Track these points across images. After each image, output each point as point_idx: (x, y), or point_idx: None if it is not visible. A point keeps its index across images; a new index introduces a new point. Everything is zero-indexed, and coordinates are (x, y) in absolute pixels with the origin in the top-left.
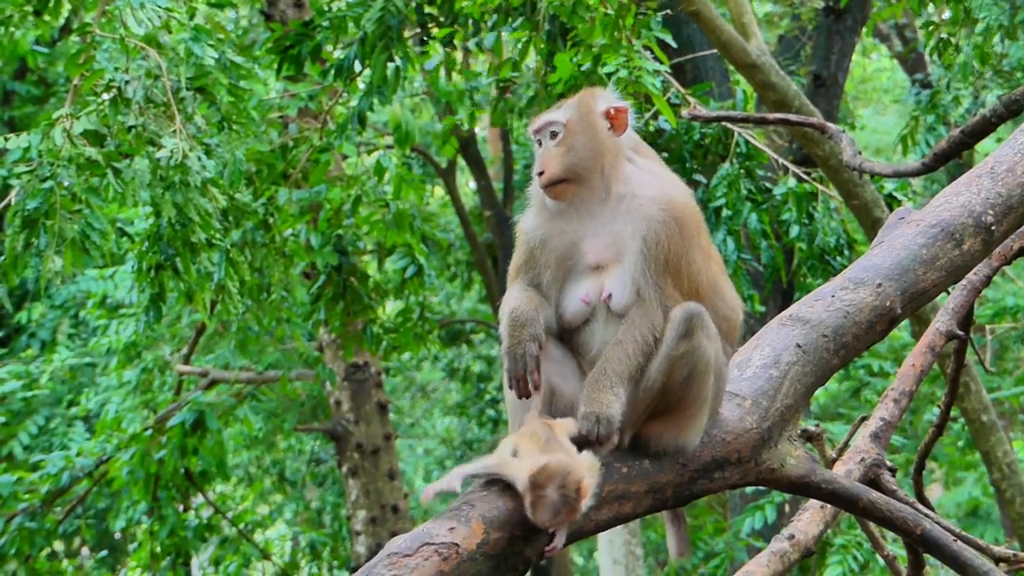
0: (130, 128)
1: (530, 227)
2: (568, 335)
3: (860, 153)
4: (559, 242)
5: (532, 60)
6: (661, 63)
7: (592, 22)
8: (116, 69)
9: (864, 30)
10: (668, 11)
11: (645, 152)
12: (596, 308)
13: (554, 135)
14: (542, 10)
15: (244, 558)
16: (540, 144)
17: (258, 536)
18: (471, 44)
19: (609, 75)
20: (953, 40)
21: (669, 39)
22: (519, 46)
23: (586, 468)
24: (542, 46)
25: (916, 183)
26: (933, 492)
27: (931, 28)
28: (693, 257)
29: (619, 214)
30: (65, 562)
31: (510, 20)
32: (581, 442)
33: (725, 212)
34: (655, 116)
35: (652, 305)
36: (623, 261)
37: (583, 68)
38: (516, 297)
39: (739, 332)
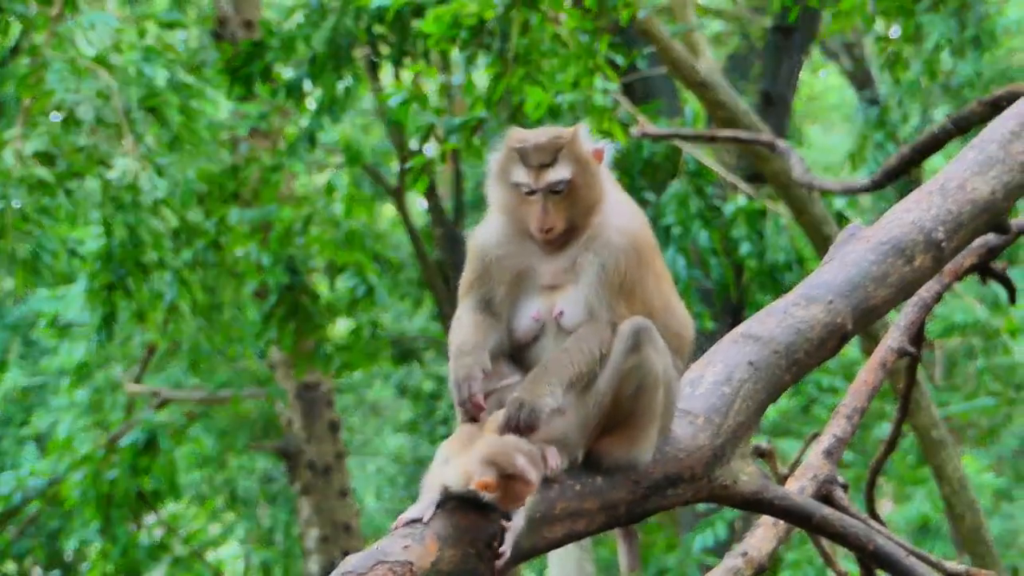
0: (81, 148)
1: (488, 244)
2: (519, 352)
3: (809, 170)
4: (516, 262)
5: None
6: (612, 82)
7: (561, 53)
8: (67, 90)
9: (813, 46)
10: (620, 30)
11: (606, 176)
12: (546, 325)
13: (557, 192)
14: (511, 47)
15: None
16: (541, 198)
17: (210, 555)
18: (440, 80)
19: (559, 93)
20: (903, 56)
21: (620, 59)
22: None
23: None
24: (515, 82)
25: (865, 200)
26: (883, 508)
27: (882, 43)
28: (647, 281)
29: (582, 240)
30: None
31: (475, 56)
32: (505, 431)
33: (675, 230)
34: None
35: (602, 322)
36: (578, 283)
37: (557, 99)
38: (464, 326)
39: (690, 349)
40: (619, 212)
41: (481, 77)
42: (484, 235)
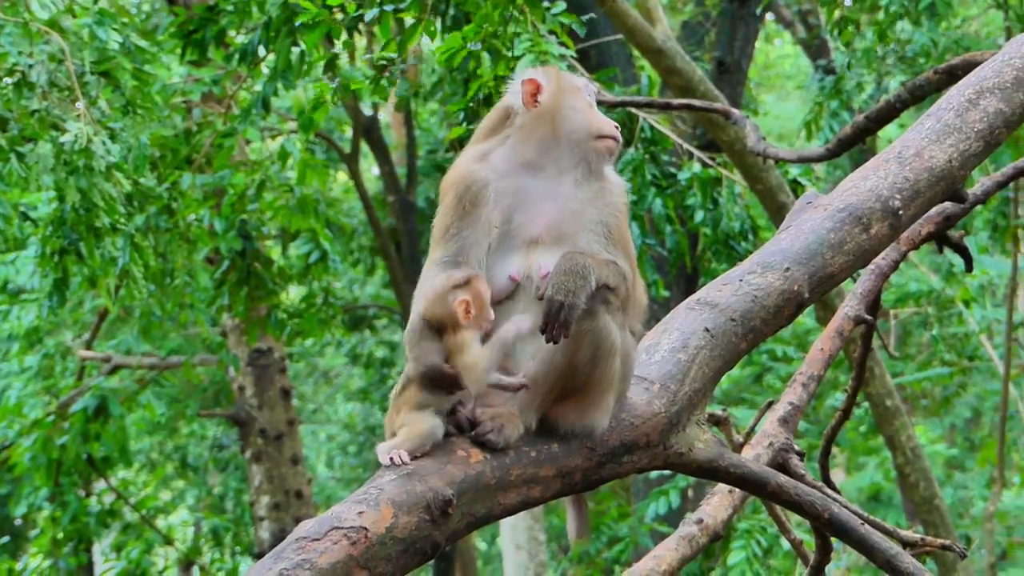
0: (33, 112)
1: (484, 169)
2: None
3: (764, 139)
4: (507, 195)
5: (424, 43)
6: (567, 48)
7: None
8: (19, 53)
9: (761, 11)
10: None
11: None
12: (522, 288)
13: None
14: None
15: (146, 544)
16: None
17: (160, 522)
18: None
19: (517, 58)
20: (853, 23)
21: (575, 25)
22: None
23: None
24: (432, 29)
25: (819, 169)
26: (835, 476)
27: (831, 8)
28: (629, 246)
29: (586, 193)
30: None
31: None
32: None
33: (630, 197)
34: None
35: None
36: (573, 243)
37: (471, 46)
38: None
39: (644, 316)
40: (612, 172)
41: (434, 43)
42: (479, 164)
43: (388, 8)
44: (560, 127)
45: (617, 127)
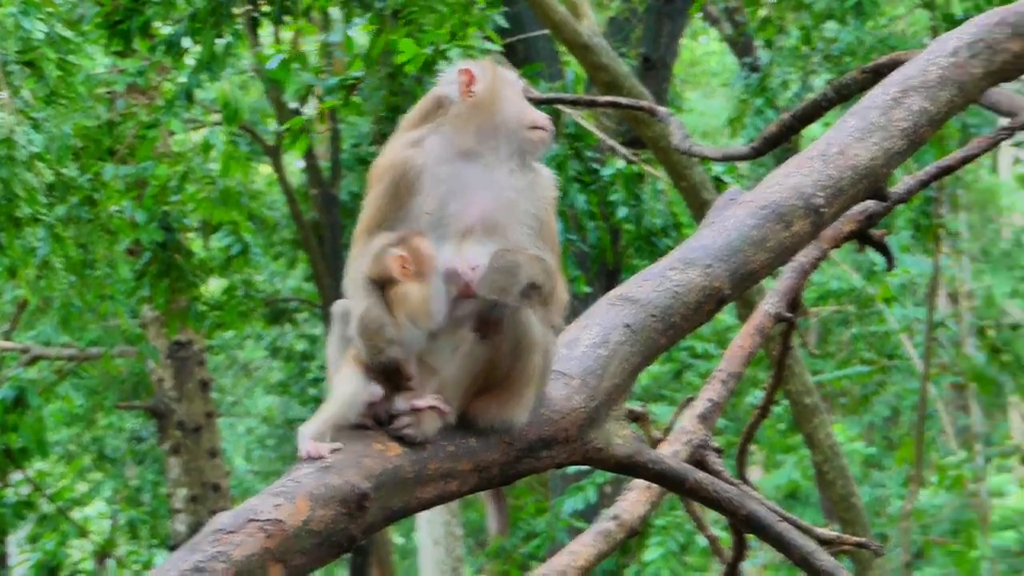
0: None
1: (419, 155)
2: None
3: (689, 136)
4: (443, 181)
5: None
6: (494, 43)
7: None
8: None
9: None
10: None
11: None
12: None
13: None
14: (390, 3)
15: (62, 536)
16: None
17: (76, 514)
18: (319, 38)
19: (441, 53)
20: (777, 22)
21: (502, 20)
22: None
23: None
24: (392, 38)
25: (743, 166)
26: (752, 475)
27: (756, 6)
28: (556, 240)
29: (519, 184)
30: None
31: (353, 13)
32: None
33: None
34: None
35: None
36: (505, 235)
37: (427, 49)
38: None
39: (565, 312)
40: (542, 165)
41: (360, 35)
42: (414, 149)
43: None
44: (496, 117)
45: (549, 119)
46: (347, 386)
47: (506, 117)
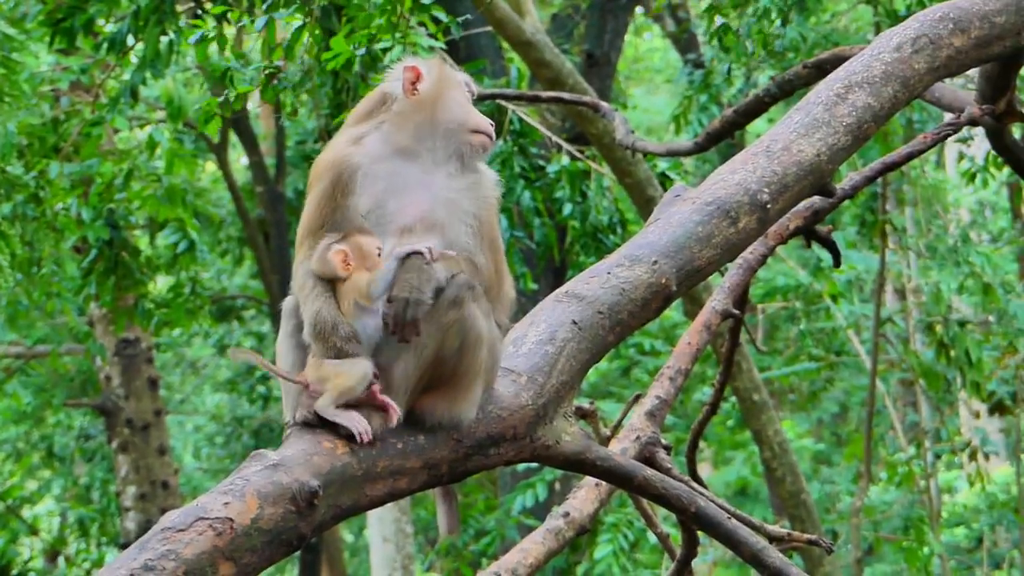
0: None
1: (357, 153)
2: None
3: (633, 132)
4: (380, 179)
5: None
6: (436, 40)
7: (369, 7)
8: None
9: (637, 8)
10: None
11: None
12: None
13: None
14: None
15: (11, 534)
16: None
17: (26, 512)
18: (245, 22)
19: (384, 51)
20: (733, 26)
21: (444, 16)
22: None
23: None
24: (317, 32)
25: (688, 162)
26: (702, 471)
27: (712, 13)
28: (499, 240)
29: (460, 184)
30: None
31: (283, 4)
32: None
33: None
34: None
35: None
36: (444, 233)
37: (359, 52)
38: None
39: (512, 309)
40: (485, 167)
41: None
42: (353, 147)
43: (279, 16)
44: (438, 117)
45: (492, 124)
46: (360, 364)
47: (448, 118)
